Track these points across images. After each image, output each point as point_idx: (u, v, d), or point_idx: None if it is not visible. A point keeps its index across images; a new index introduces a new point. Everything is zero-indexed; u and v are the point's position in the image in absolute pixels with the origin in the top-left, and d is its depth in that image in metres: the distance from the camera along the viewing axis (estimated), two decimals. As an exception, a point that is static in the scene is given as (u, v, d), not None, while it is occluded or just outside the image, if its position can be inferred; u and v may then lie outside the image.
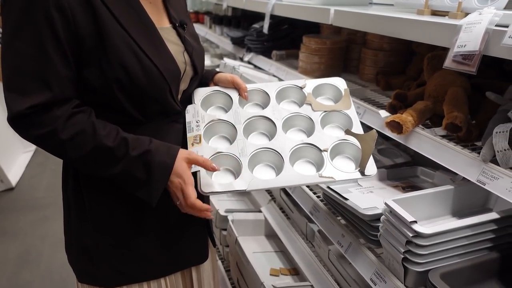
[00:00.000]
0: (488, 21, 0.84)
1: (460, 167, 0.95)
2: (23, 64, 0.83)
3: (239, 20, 2.87)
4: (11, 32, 0.83)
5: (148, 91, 0.94)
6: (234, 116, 1.10)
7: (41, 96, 0.84)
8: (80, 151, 0.88)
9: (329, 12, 1.38)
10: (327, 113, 1.11)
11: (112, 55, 0.88)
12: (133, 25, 0.92)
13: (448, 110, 1.04)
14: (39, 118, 0.85)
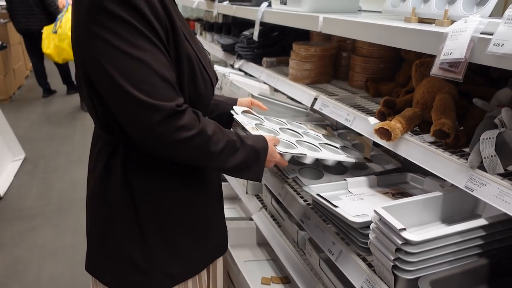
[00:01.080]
0: (473, 29, 0.84)
1: (448, 174, 0.95)
2: (153, 71, 0.85)
3: (230, 27, 2.88)
4: (127, 45, 0.83)
5: (203, 98, 1.03)
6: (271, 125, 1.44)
7: (177, 97, 0.89)
8: (217, 146, 0.96)
9: (318, 19, 1.39)
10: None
11: (184, 65, 0.94)
12: (191, 38, 0.99)
13: (436, 116, 1.04)
14: (185, 119, 0.89)
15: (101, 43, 0.83)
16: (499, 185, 0.84)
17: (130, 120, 0.88)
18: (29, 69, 7.30)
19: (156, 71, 0.86)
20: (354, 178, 1.31)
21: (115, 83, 0.83)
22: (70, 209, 3.05)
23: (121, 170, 1.00)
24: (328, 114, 1.42)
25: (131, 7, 0.82)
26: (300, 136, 1.43)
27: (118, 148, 1.01)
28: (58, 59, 4.57)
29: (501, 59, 0.77)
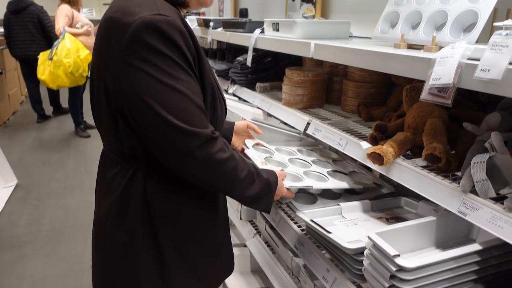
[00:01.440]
0: (460, 55, 0.86)
1: (441, 198, 0.94)
2: (190, 100, 0.90)
3: (224, 52, 2.92)
4: (167, 76, 0.87)
5: (220, 124, 1.10)
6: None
7: (209, 124, 0.95)
8: (242, 173, 1.01)
9: (310, 45, 1.41)
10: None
11: (207, 93, 0.98)
12: (210, 68, 1.03)
13: (427, 141, 1.05)
14: (219, 144, 0.95)
15: (141, 75, 0.87)
16: (491, 209, 0.83)
17: (169, 146, 0.91)
18: (24, 94, 7.32)
19: (193, 100, 0.90)
20: (347, 203, 1.31)
21: (156, 113, 0.87)
22: (61, 236, 3.00)
23: (140, 194, 1.02)
24: (321, 138, 1.42)
25: (169, 41, 0.87)
26: (309, 165, 1.48)
27: (138, 172, 1.02)
28: (53, 85, 4.58)
29: (488, 84, 0.78)
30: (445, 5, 1.12)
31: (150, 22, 0.85)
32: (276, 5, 2.77)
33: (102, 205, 1.09)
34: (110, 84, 0.94)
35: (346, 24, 1.71)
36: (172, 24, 0.87)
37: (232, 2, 3.48)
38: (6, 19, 5.21)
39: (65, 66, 4.40)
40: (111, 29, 0.91)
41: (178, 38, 0.88)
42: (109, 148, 1.08)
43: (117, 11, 0.90)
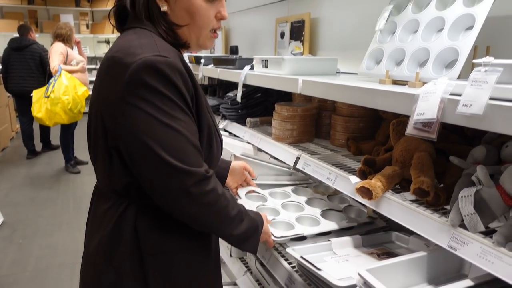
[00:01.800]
0: (442, 90, 0.88)
1: (431, 233, 0.94)
2: (186, 140, 0.91)
3: (215, 88, 2.96)
4: (164, 116, 0.89)
5: (215, 162, 1.11)
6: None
7: (204, 163, 0.95)
8: (232, 212, 1.01)
9: (298, 82, 1.44)
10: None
11: (204, 131, 1.00)
12: (208, 106, 1.05)
13: (415, 175, 1.05)
14: (212, 183, 0.95)
15: (140, 113, 0.88)
16: (481, 244, 0.83)
17: (164, 184, 0.92)
18: (15, 131, 7.29)
19: (189, 140, 0.92)
20: (338, 239, 1.29)
21: (153, 151, 0.88)
22: (47, 277, 2.90)
23: (131, 229, 1.01)
24: (311, 173, 1.42)
25: (168, 81, 0.89)
26: (302, 207, 1.50)
27: (130, 208, 1.02)
28: (49, 122, 4.58)
29: (470, 119, 0.80)
30: (426, 42, 1.16)
31: (151, 63, 0.87)
32: (266, 43, 2.84)
33: (93, 240, 1.07)
34: (108, 121, 0.95)
35: (333, 61, 1.75)
36: (172, 65, 0.90)
37: (223, 40, 3.57)
38: (6, 55, 5.33)
39: (63, 103, 4.44)
40: (112, 68, 0.93)
41: (177, 79, 0.90)
42: (103, 184, 1.08)
43: (119, 51, 0.93)
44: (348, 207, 1.49)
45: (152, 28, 0.99)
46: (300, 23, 2.25)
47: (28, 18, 8.70)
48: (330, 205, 1.50)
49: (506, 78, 0.79)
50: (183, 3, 1.00)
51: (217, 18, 1.05)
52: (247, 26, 3.20)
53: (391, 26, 1.33)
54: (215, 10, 1.03)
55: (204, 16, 1.01)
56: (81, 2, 9.29)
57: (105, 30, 9.10)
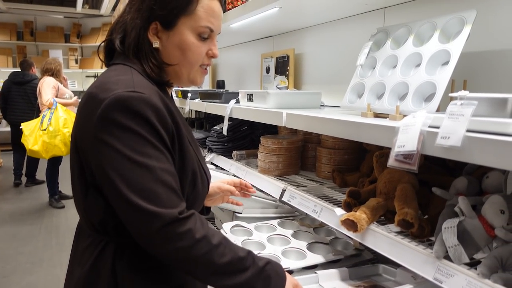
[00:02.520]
0: (421, 123, 0.90)
1: (417, 265, 0.93)
2: (156, 178, 0.86)
3: (202, 122, 2.98)
4: (133, 152, 0.86)
5: (201, 198, 1.07)
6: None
7: (180, 203, 0.89)
8: (222, 259, 0.90)
9: (282, 115, 1.46)
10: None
11: (187, 169, 0.98)
12: (192, 141, 1.04)
13: (398, 206, 1.06)
14: (187, 226, 0.87)
15: (108, 150, 0.86)
16: (466, 275, 0.83)
17: (131, 224, 0.88)
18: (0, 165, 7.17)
19: (160, 179, 0.87)
20: (325, 271, 1.27)
21: (116, 188, 0.85)
22: (25, 317, 2.77)
23: (109, 270, 0.96)
24: (296, 205, 1.42)
25: (140, 117, 0.87)
26: (288, 240, 1.48)
27: (108, 247, 0.98)
28: (46, 155, 4.55)
29: (449, 151, 0.81)
30: (405, 77, 1.19)
31: (122, 99, 0.87)
32: (252, 77, 2.90)
33: (72, 279, 1.03)
34: (83, 157, 0.94)
35: (317, 94, 1.79)
36: (146, 101, 0.88)
37: (210, 74, 3.63)
38: (6, 88, 5.58)
39: (64, 136, 4.47)
40: (88, 104, 0.93)
41: (150, 115, 0.88)
42: (82, 219, 1.05)
43: (96, 87, 0.93)
44: (335, 240, 1.47)
45: (136, 65, 1.00)
46: (285, 58, 2.31)
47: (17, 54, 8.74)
48: (317, 237, 1.49)
49: (481, 111, 0.81)
50: (176, 39, 1.01)
51: (208, 56, 1.06)
52: (233, 61, 3.26)
53: (372, 61, 1.38)
54: (206, 47, 1.04)
55: (196, 53, 1.02)
56: (70, 38, 9.40)
57: (94, 65, 9.17)
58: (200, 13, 1.00)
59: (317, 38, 2.11)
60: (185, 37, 1.00)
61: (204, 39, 1.03)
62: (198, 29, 1.00)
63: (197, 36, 1.01)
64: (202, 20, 1.00)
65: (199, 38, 1.02)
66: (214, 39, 1.06)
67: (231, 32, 2.48)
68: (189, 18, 0.99)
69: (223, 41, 3.07)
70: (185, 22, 0.99)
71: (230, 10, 2.10)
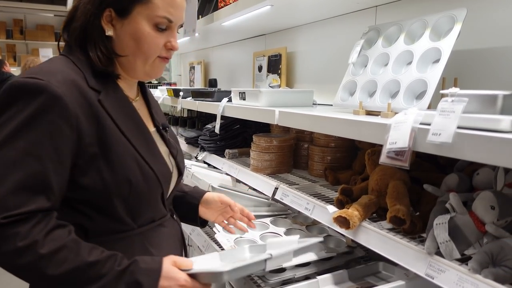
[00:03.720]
0: (412, 120, 0.90)
1: (409, 261, 0.94)
2: (10, 171, 0.80)
3: (194, 120, 2.97)
4: (8, 136, 0.80)
5: (145, 196, 0.97)
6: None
7: (28, 203, 0.80)
8: (57, 269, 0.80)
9: (274, 113, 1.46)
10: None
11: (116, 163, 0.91)
12: (133, 133, 0.97)
13: (390, 203, 1.06)
14: (9, 231, 0.78)
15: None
16: (457, 271, 0.83)
17: None
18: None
19: (15, 171, 0.79)
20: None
21: None
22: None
23: None
24: (289, 203, 1.42)
25: (24, 103, 0.82)
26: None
27: None
28: None
29: (440, 147, 0.82)
30: (397, 75, 1.20)
31: (16, 84, 0.83)
32: (244, 76, 2.89)
33: None
34: None
35: (310, 93, 1.79)
36: (40, 87, 0.82)
37: (202, 73, 3.62)
38: None
39: None
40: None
41: (38, 101, 0.82)
42: None
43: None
44: (328, 237, 1.48)
45: (75, 55, 0.95)
46: (277, 57, 2.31)
47: (6, 52, 8.64)
48: (309, 235, 1.49)
49: (471, 108, 0.82)
50: (130, 29, 0.95)
51: (167, 48, 1.00)
52: (225, 60, 3.26)
53: (363, 59, 1.38)
54: (164, 39, 0.99)
55: (151, 44, 0.97)
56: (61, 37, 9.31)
57: (85, 64, 9.08)
58: (158, 1, 0.94)
59: (309, 36, 2.11)
60: (140, 27, 0.95)
61: (162, 30, 0.97)
62: (155, 19, 0.95)
63: (153, 26, 0.96)
64: (159, 9, 0.95)
65: (156, 28, 0.96)
66: (174, 30, 1.00)
67: (223, 30, 2.48)
68: (145, 7, 0.94)
69: (215, 39, 3.06)
70: (141, 11, 0.94)
71: (222, 8, 2.10)
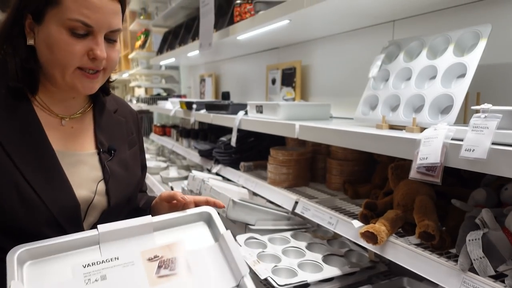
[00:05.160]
0: (444, 135, 0.91)
1: (441, 278, 0.93)
2: None
3: (206, 133, 2.98)
4: None
5: (26, 224, 0.86)
6: None
7: None
8: None
9: (295, 127, 1.46)
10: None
11: None
12: (25, 156, 0.87)
13: (418, 218, 1.06)
14: None
15: None
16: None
17: None
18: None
19: None
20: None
21: None
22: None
23: None
24: (310, 217, 1.42)
25: None
26: (303, 253, 1.45)
27: None
28: None
29: (474, 163, 0.82)
30: (420, 89, 1.20)
31: None
32: (257, 88, 2.91)
33: None
34: None
35: (327, 106, 1.80)
36: None
37: (213, 85, 3.64)
38: None
39: None
40: None
41: None
42: None
43: None
44: (349, 252, 1.47)
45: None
46: (291, 70, 2.33)
47: None
48: (331, 250, 1.48)
49: (505, 124, 0.82)
50: (43, 35, 0.88)
51: (89, 57, 0.89)
52: (237, 73, 3.28)
53: (384, 74, 1.39)
54: (84, 46, 0.88)
55: (65, 51, 0.87)
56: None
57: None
58: (68, 3, 0.84)
59: (325, 50, 2.13)
60: (53, 32, 0.86)
61: (80, 36, 0.87)
62: (67, 23, 0.85)
63: (68, 31, 0.86)
64: (70, 12, 0.84)
65: (72, 34, 0.86)
66: (97, 37, 0.89)
67: (237, 44, 2.50)
68: (57, 10, 0.85)
69: (226, 52, 3.09)
70: (54, 15, 0.86)
71: (238, 22, 2.12)
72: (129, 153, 1.10)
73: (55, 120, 0.98)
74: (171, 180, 3.03)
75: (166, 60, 3.95)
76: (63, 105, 0.99)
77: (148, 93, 5.85)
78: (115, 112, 1.12)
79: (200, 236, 0.94)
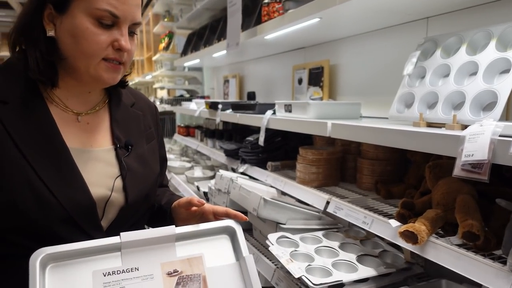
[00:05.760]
0: (491, 132, 0.88)
1: (487, 279, 0.90)
2: None
3: (231, 133, 2.98)
4: None
5: (41, 223, 0.85)
6: None
7: None
8: None
9: (327, 125, 1.45)
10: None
11: (2, 185, 0.82)
12: (38, 152, 0.87)
13: (461, 218, 1.03)
14: None
15: None
16: (546, 290, 0.79)
17: None
18: None
19: None
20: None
21: None
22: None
23: None
24: (343, 217, 1.39)
25: None
26: (336, 252, 1.43)
27: None
28: None
29: (527, 160, 0.79)
30: (461, 86, 1.17)
31: None
32: (282, 88, 2.90)
33: None
34: None
35: (357, 105, 1.77)
36: None
37: (237, 85, 3.65)
38: None
39: None
40: None
41: None
42: None
43: None
44: (384, 252, 1.44)
45: (13, 61, 0.91)
46: (319, 70, 2.31)
47: None
48: (365, 250, 1.45)
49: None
50: (68, 25, 0.86)
51: (114, 48, 0.89)
52: (262, 73, 3.28)
53: (419, 71, 1.36)
54: (110, 37, 0.87)
55: (92, 42, 0.86)
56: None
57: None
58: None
59: (354, 49, 2.10)
60: (79, 22, 0.85)
61: (106, 26, 0.86)
62: (95, 13, 0.84)
63: (95, 21, 0.85)
64: (98, 1, 0.84)
65: (98, 24, 0.86)
66: (122, 28, 0.88)
67: (262, 44, 2.49)
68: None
69: (250, 53, 3.09)
70: (80, 4, 0.84)
71: (266, 22, 2.12)
72: (147, 147, 1.09)
73: (71, 116, 0.97)
74: (196, 180, 3.04)
75: (191, 61, 3.97)
76: (79, 100, 0.98)
77: (170, 95, 5.90)
78: (132, 106, 1.11)
79: (222, 251, 0.94)
